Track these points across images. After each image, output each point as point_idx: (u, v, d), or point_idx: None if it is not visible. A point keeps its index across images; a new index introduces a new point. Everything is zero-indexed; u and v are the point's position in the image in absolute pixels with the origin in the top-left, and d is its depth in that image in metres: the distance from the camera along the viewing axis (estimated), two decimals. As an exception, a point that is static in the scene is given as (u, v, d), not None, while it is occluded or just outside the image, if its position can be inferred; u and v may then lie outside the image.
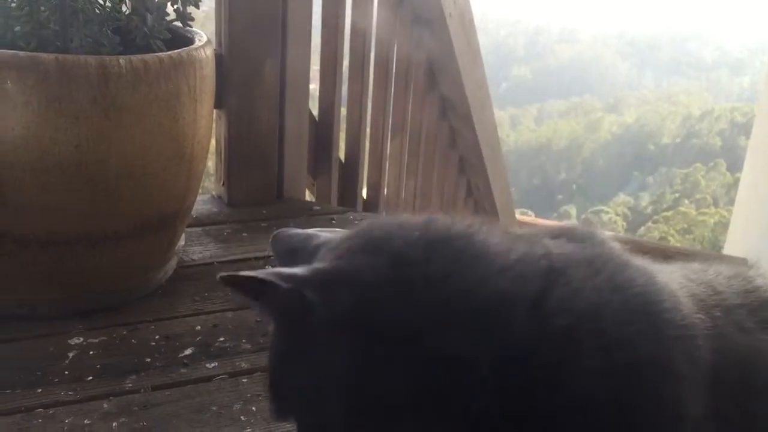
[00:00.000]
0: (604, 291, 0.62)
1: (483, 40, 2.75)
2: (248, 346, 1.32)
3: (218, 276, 0.66)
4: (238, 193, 1.92)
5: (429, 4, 2.34)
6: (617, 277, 0.64)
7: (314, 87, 2.15)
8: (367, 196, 2.44)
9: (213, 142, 1.86)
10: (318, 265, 0.67)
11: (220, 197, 1.96)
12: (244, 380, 1.22)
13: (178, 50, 1.32)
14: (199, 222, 1.81)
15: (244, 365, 1.26)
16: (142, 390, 1.18)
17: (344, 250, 0.67)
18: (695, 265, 0.75)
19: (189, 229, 1.73)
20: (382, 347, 0.62)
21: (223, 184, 1.94)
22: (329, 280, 0.65)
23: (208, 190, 2.07)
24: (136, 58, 1.24)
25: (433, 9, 2.34)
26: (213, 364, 1.26)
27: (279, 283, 0.64)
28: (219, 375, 1.23)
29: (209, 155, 1.58)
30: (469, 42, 2.55)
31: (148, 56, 1.26)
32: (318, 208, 1.97)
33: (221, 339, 1.33)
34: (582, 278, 0.63)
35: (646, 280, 0.64)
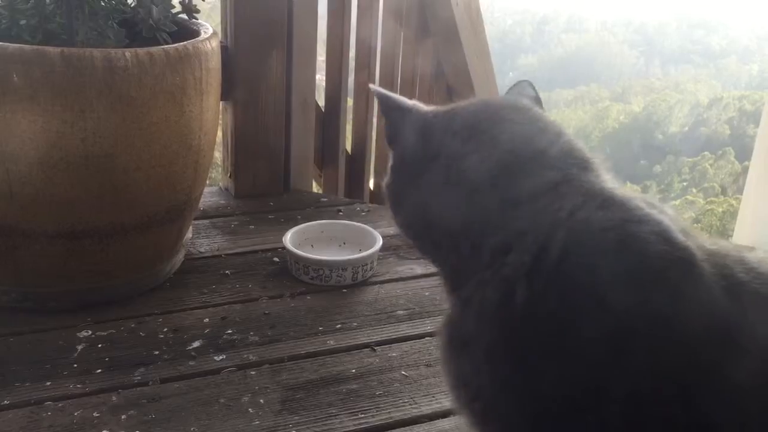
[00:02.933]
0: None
1: (489, 30, 2.73)
2: (256, 338, 1.32)
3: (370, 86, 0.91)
4: (246, 185, 1.92)
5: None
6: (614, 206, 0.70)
7: (320, 77, 2.14)
8: (374, 187, 2.43)
9: (220, 134, 1.86)
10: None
11: (227, 189, 1.96)
12: (252, 373, 1.22)
13: (184, 43, 1.32)
14: (206, 214, 1.81)
15: (251, 358, 1.26)
16: (150, 383, 1.18)
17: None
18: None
19: (196, 222, 1.73)
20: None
21: (230, 176, 1.94)
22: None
23: (216, 182, 2.07)
24: (141, 50, 1.24)
25: (440, -2, 2.32)
26: (221, 357, 1.26)
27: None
28: (227, 367, 1.23)
29: (216, 147, 1.57)
30: (476, 31, 2.53)
31: (153, 49, 1.26)
32: (325, 199, 1.97)
33: (229, 331, 1.33)
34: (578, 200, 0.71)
35: (641, 209, 0.69)
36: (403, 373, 1.25)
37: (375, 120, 2.36)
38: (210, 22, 1.51)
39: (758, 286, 0.66)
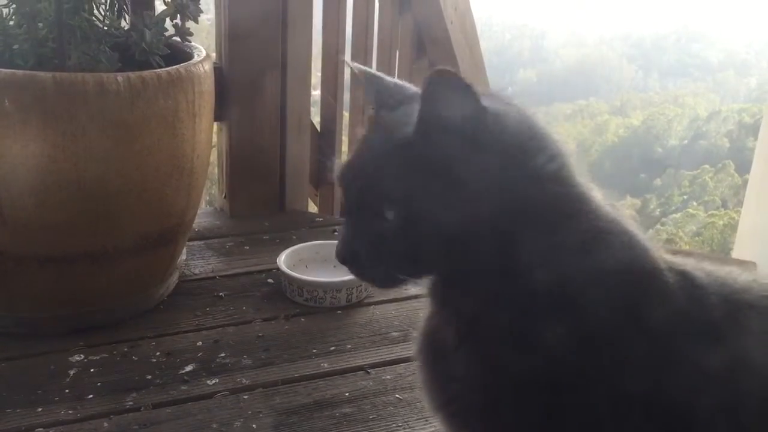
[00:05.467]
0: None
1: (488, 44, 2.75)
2: (249, 362, 1.31)
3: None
4: (241, 206, 1.92)
5: (430, 12, 2.33)
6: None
7: (317, 93, 2.14)
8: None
9: (214, 154, 1.86)
10: None
11: (222, 210, 1.96)
12: (245, 397, 1.21)
13: (176, 66, 1.32)
14: (201, 235, 1.80)
15: (245, 381, 1.25)
16: (142, 408, 1.17)
17: None
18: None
19: (191, 243, 1.73)
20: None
21: (225, 197, 1.93)
22: None
23: (214, 197, 2.06)
24: (133, 75, 1.24)
25: (434, 17, 2.33)
26: (214, 381, 1.25)
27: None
28: (220, 392, 1.22)
29: (213, 167, 1.57)
30: (471, 49, 2.53)
31: (145, 73, 1.26)
32: (320, 219, 1.97)
33: (222, 355, 1.33)
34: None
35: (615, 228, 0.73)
36: (397, 396, 1.24)
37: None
38: (209, 40, 1.52)
39: (715, 290, 0.72)
